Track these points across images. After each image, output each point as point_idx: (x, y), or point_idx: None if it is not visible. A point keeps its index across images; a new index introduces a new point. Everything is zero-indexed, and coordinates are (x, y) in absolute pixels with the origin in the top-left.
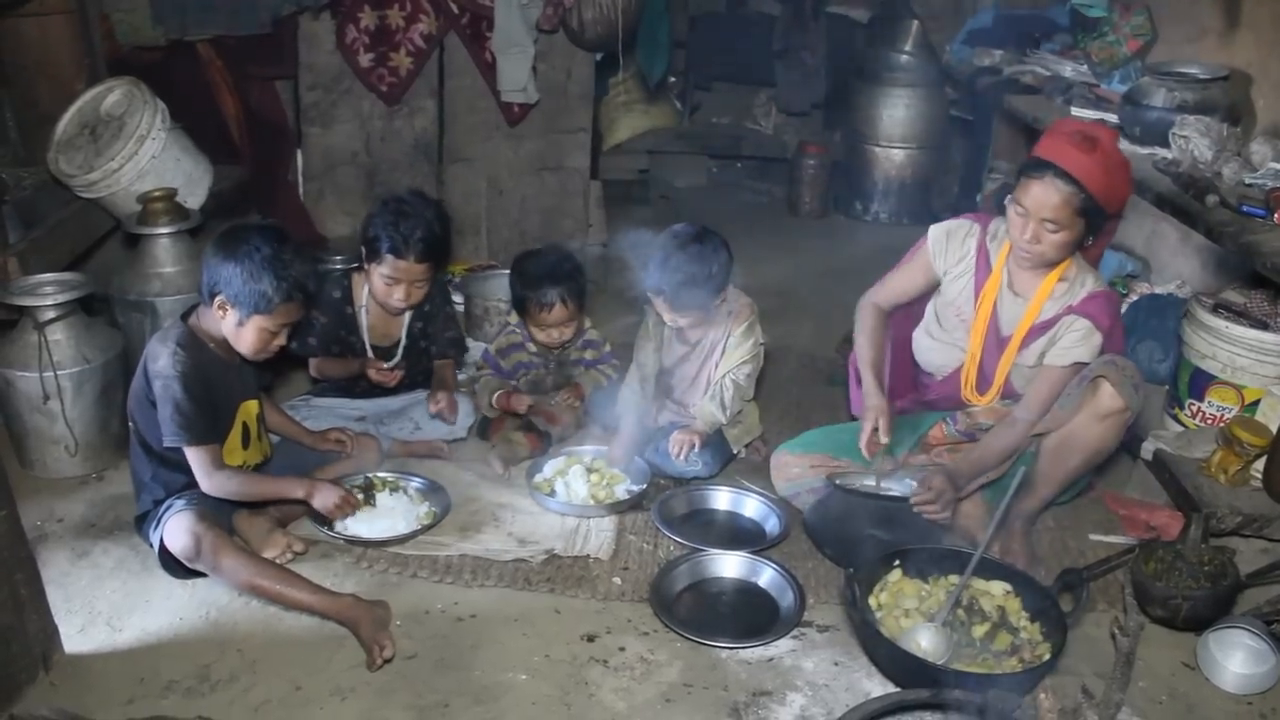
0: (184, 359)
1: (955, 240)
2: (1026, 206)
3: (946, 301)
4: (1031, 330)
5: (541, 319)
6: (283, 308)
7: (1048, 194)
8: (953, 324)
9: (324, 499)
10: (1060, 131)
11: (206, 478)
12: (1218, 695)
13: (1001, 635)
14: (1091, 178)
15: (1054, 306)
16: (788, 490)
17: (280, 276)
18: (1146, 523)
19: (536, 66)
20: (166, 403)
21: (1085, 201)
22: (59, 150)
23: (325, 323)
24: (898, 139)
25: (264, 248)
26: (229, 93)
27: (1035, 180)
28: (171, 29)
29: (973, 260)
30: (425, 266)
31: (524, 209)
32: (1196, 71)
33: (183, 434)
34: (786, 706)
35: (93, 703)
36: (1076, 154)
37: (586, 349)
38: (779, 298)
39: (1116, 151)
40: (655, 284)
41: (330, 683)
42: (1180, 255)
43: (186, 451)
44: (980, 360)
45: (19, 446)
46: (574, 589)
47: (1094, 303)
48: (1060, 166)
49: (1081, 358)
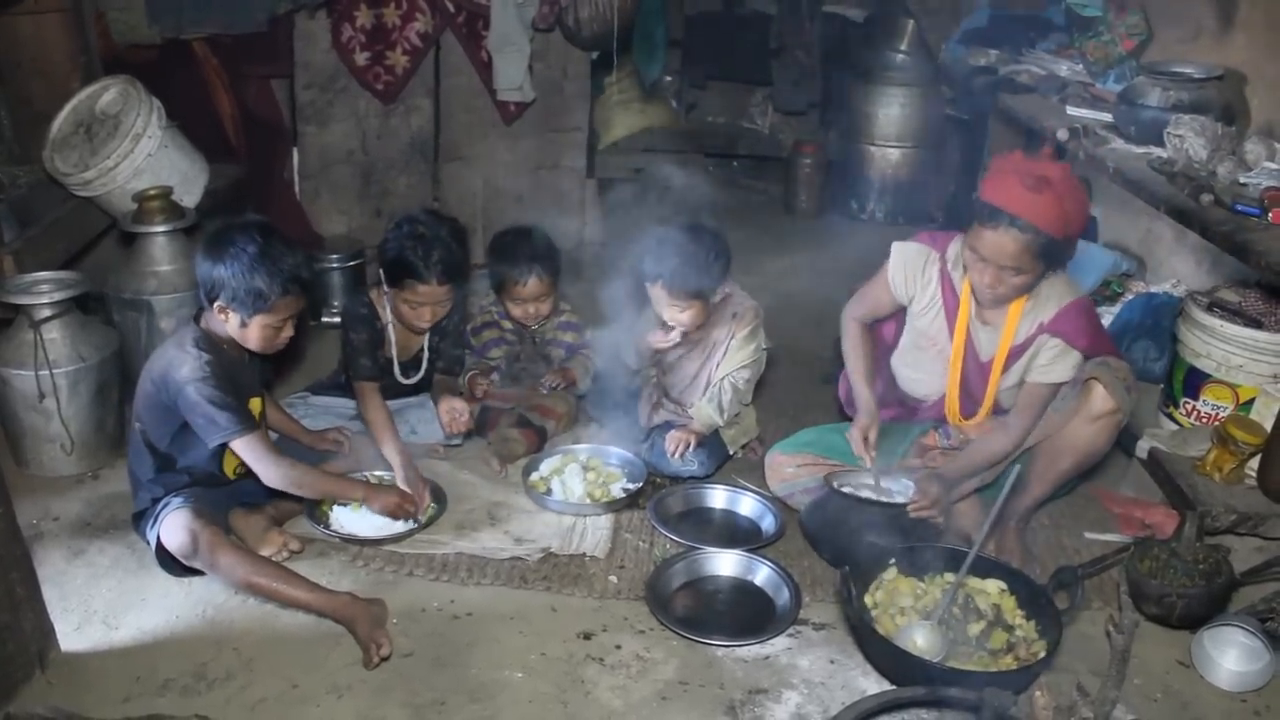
0: (210, 360)
1: (914, 269)
2: (984, 255)
3: (920, 332)
4: (1010, 354)
5: (517, 293)
6: (281, 302)
7: (1004, 243)
8: (929, 354)
9: (384, 502)
10: (1008, 172)
11: (270, 466)
12: (1212, 693)
13: (997, 633)
14: (1047, 220)
15: (1026, 325)
16: (782, 490)
17: (273, 272)
18: (1141, 521)
19: (533, 65)
20: (202, 405)
21: (1044, 244)
22: (54, 149)
23: (365, 339)
24: (893, 138)
25: (250, 246)
26: (225, 91)
27: (989, 229)
28: (167, 27)
29: (938, 291)
30: (448, 288)
31: (520, 208)
32: (1191, 71)
33: (230, 429)
34: (782, 704)
35: (89, 701)
36: (1030, 197)
37: (566, 331)
38: (774, 297)
39: (1068, 181)
40: (653, 269)
41: (327, 681)
42: (1175, 254)
43: (238, 445)
44: (962, 387)
45: (15, 445)
46: (570, 587)
47: (1065, 319)
48: (1012, 214)
49: (1062, 376)
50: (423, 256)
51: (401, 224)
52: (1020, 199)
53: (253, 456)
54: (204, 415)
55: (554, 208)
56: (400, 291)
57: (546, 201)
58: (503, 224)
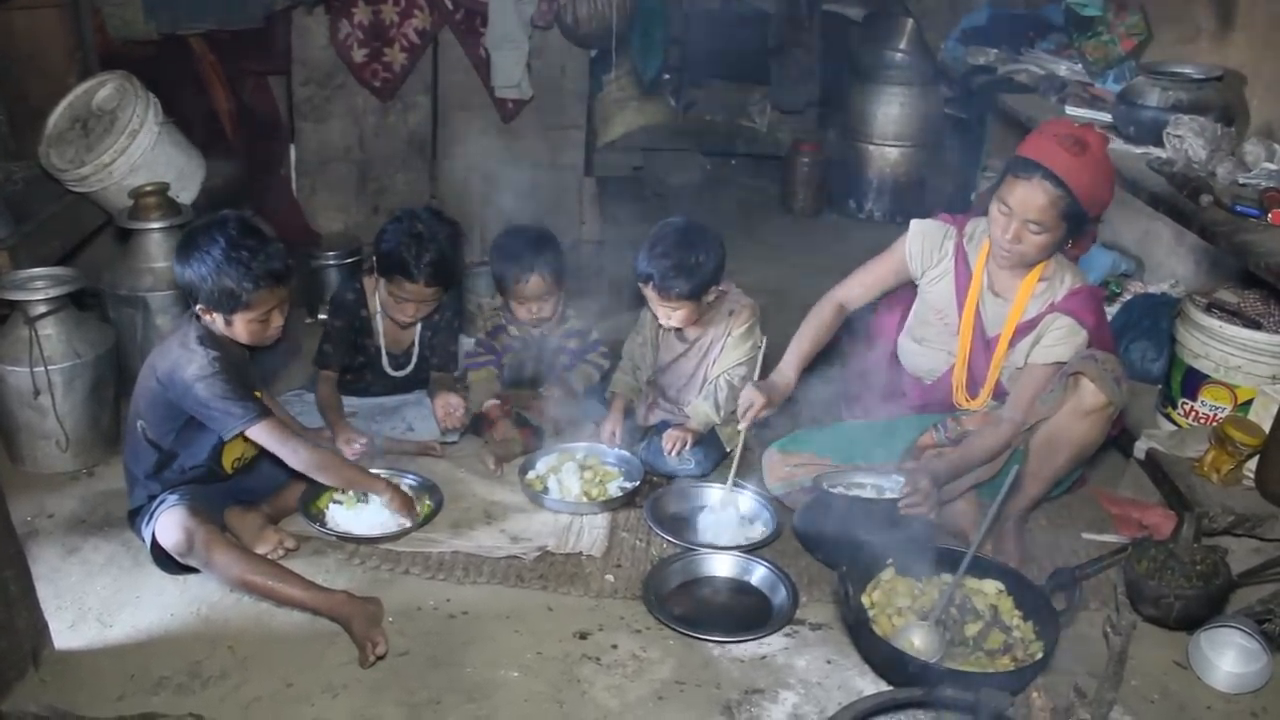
0: (216, 356)
1: (932, 242)
2: (1011, 206)
3: (927, 304)
4: (1017, 330)
5: (520, 292)
6: (256, 297)
7: (1034, 195)
8: (936, 328)
9: (400, 500)
10: (1050, 132)
11: (292, 450)
12: (1210, 694)
13: (994, 634)
14: (1079, 182)
15: (1036, 305)
16: (780, 489)
17: (242, 271)
18: (1139, 522)
19: (531, 63)
20: (214, 400)
21: (1070, 205)
22: (50, 144)
23: (340, 326)
24: (892, 137)
25: (214, 248)
26: (222, 87)
27: (1022, 180)
28: (164, 23)
29: (951, 262)
30: (435, 290)
31: (518, 205)
32: (1191, 71)
33: (247, 418)
34: (779, 704)
35: (83, 699)
36: (1066, 157)
37: (571, 338)
38: (772, 296)
39: (1105, 156)
40: (644, 270)
41: (322, 680)
42: (1174, 255)
43: (255, 432)
44: (969, 363)
45: (9, 442)
46: (566, 586)
47: (1076, 299)
48: (1048, 168)
49: (1064, 356)
50: (415, 255)
51: (402, 218)
52: (1057, 156)
53: (273, 441)
54: (218, 409)
55: (552, 205)
56: (389, 283)
57: (544, 199)
58: (500, 221)
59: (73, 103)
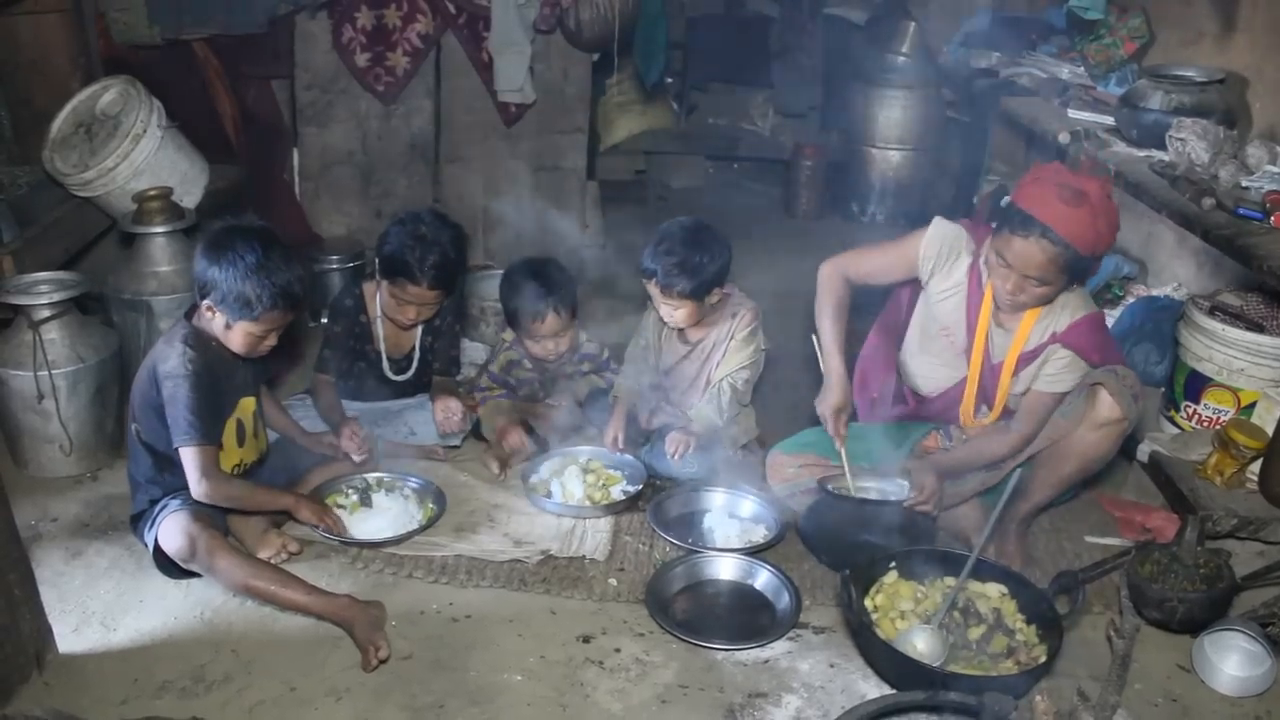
0: (194, 358)
1: (950, 252)
2: (1009, 261)
3: (934, 318)
4: (1020, 359)
5: (534, 330)
6: (267, 315)
7: (1033, 253)
8: (940, 343)
9: (307, 515)
10: (1047, 181)
11: (199, 481)
12: (1213, 698)
13: (997, 637)
14: (1080, 236)
15: (1038, 334)
16: (783, 491)
17: (264, 285)
18: (1142, 525)
19: (533, 67)
20: (175, 403)
21: (1072, 259)
22: (54, 149)
23: (338, 332)
24: (894, 140)
25: (249, 254)
26: (225, 92)
27: (1019, 237)
28: (167, 28)
29: (965, 279)
30: (437, 293)
31: (520, 209)
32: (1193, 74)
33: (189, 434)
34: (782, 708)
35: (86, 703)
36: (1065, 211)
37: (584, 362)
38: (775, 299)
39: (1105, 201)
40: (648, 266)
41: (325, 683)
42: (1177, 258)
43: (185, 452)
44: (980, 385)
45: (13, 446)
46: (569, 590)
47: (1078, 331)
48: (1047, 225)
49: (1068, 386)
50: (419, 258)
51: (406, 220)
52: (1056, 211)
53: (191, 468)
54: (172, 414)
55: (554, 209)
56: (391, 285)
57: (547, 203)
58: (502, 225)
59: (76, 107)
